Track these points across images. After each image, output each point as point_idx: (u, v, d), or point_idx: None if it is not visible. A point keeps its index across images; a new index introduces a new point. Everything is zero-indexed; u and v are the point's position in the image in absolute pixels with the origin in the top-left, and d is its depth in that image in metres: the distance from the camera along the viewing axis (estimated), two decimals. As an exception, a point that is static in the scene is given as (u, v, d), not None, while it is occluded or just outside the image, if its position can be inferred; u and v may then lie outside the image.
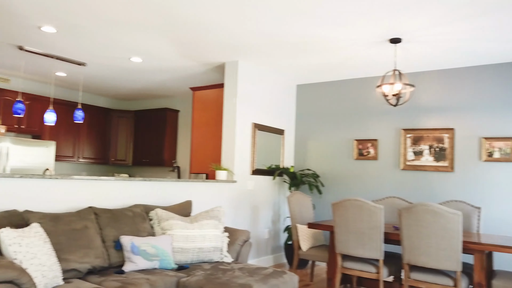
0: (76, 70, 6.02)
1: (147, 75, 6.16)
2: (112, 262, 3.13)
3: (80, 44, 4.80)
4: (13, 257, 2.33)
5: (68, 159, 7.21)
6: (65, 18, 3.99)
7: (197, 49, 4.80)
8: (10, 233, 2.38)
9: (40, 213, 2.93)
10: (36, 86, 7.06)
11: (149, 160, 7.68)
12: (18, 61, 5.68)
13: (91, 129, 7.58)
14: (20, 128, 6.53)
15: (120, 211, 3.43)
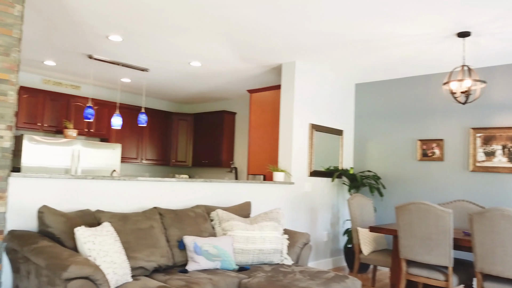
0: (140, 75, 6.31)
1: (206, 79, 6.31)
2: (176, 261, 3.23)
3: (143, 51, 5.02)
4: (87, 254, 2.47)
5: (132, 161, 7.57)
6: (130, 27, 4.19)
7: (254, 52, 4.84)
8: (85, 231, 2.53)
9: (110, 213, 3.09)
10: (103, 92, 7.50)
11: (208, 161, 7.86)
12: (87, 69, 6.06)
13: (153, 132, 7.91)
14: (89, 131, 6.96)
15: (183, 211, 3.53)
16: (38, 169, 5.91)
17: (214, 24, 4.01)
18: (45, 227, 2.69)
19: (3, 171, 2.75)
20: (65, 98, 6.68)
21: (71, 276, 2.14)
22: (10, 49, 2.78)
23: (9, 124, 2.78)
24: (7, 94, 2.76)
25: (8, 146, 2.77)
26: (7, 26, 2.76)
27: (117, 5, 3.66)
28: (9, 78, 2.77)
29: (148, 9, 3.73)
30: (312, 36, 4.25)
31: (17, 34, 2.81)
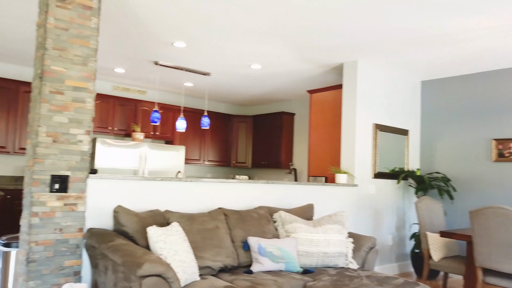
0: (202, 80, 6.49)
1: (265, 81, 6.35)
2: (241, 262, 3.27)
3: (205, 56, 5.16)
4: (159, 253, 2.58)
5: (195, 162, 7.81)
6: (193, 33, 4.32)
7: (314, 52, 4.78)
8: (156, 231, 2.64)
9: (178, 213, 3.20)
10: (167, 96, 7.82)
11: (267, 163, 7.90)
12: (153, 75, 6.35)
13: (215, 134, 8.10)
14: (155, 134, 7.29)
15: (246, 212, 3.57)
16: (109, 170, 6.29)
17: (275, 26, 4.02)
18: (120, 226, 2.85)
19: (82, 173, 2.95)
20: (132, 103, 7.05)
21: (145, 273, 2.24)
22: (88, 59, 2.98)
23: (87, 129, 2.98)
24: (85, 101, 2.97)
25: (87, 149, 2.97)
26: (85, 38, 2.96)
27: (182, 13, 3.79)
28: (87, 86, 2.97)
29: (210, 16, 3.83)
30: (375, 33, 4.12)
31: (94, 45, 3.00)
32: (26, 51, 5.40)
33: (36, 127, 2.78)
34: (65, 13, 2.88)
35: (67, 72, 2.89)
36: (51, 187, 2.81)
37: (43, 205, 2.78)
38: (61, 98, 2.86)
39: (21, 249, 2.84)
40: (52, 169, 2.82)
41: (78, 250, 2.92)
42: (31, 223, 2.73)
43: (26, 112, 6.03)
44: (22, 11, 3.96)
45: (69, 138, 2.89)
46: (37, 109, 2.79)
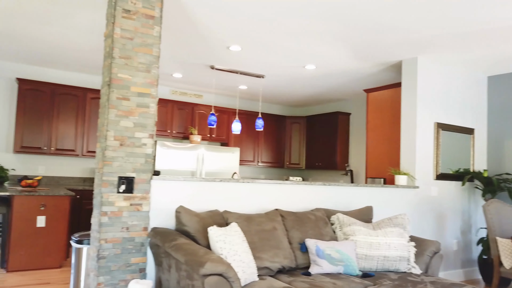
0: (256, 82, 6.56)
1: (319, 81, 6.29)
2: (299, 264, 3.26)
3: (260, 59, 5.21)
4: (219, 252, 2.64)
5: (249, 163, 7.91)
6: (249, 36, 4.38)
7: (372, 50, 4.67)
8: (217, 231, 2.71)
9: (236, 214, 3.26)
10: (222, 99, 7.98)
11: (321, 164, 7.81)
12: (209, 79, 6.52)
13: (268, 135, 8.15)
14: (211, 137, 7.47)
15: (303, 214, 3.56)
16: (169, 172, 6.54)
17: (330, 26, 3.98)
18: (182, 226, 2.96)
19: (146, 175, 3.10)
20: (189, 106, 7.28)
21: (207, 272, 2.31)
22: (151, 66, 3.13)
23: (150, 133, 3.12)
24: (149, 106, 3.11)
25: (150, 152, 3.12)
26: (148, 46, 3.11)
27: (237, 17, 3.86)
28: (150, 92, 3.12)
29: (265, 19, 3.86)
30: (436, 28, 3.94)
31: (156, 52, 3.15)
32: (91, 60, 5.77)
33: (105, 131, 2.96)
34: (130, 23, 3.04)
35: (132, 79, 3.05)
36: (119, 188, 2.98)
37: (112, 205, 2.95)
38: (127, 104, 3.02)
39: (92, 246, 3.03)
40: (119, 171, 2.99)
41: (143, 248, 3.07)
42: (101, 222, 2.91)
43: (93, 117, 6.43)
44: (87, 22, 4.23)
45: (134, 141, 3.05)
46: (105, 114, 2.97)
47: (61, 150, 6.18)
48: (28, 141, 5.94)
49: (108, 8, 3.13)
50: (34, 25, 4.39)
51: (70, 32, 4.56)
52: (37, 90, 6.03)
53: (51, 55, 5.60)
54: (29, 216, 4.66)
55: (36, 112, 6.01)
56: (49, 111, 6.10)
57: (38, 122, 6.02)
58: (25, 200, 4.65)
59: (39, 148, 6.01)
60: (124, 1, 3.02)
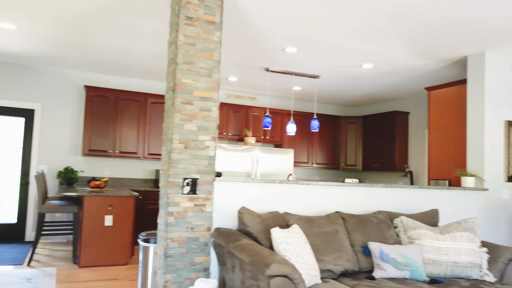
0: (310, 83, 6.52)
1: (377, 80, 6.13)
2: (361, 267, 3.20)
3: (315, 59, 5.17)
4: (283, 254, 2.66)
5: (303, 165, 7.86)
6: (305, 36, 4.37)
7: (433, 46, 4.47)
8: (280, 232, 2.73)
9: (296, 215, 3.26)
10: (276, 101, 8.01)
11: (379, 165, 7.60)
12: (264, 81, 6.57)
13: (323, 136, 8.06)
14: (265, 138, 7.52)
15: (365, 216, 3.48)
16: (225, 173, 6.67)
17: (390, 23, 3.87)
18: (244, 227, 3.00)
19: (209, 176, 3.18)
20: (244, 109, 7.38)
21: (273, 273, 2.33)
22: (212, 70, 3.21)
23: (213, 136, 3.20)
24: (211, 110, 3.20)
25: (213, 154, 3.20)
26: (209, 51, 3.20)
27: (294, 18, 3.86)
28: (212, 96, 3.20)
29: (322, 19, 3.83)
30: (507, 20, 3.70)
31: (217, 57, 3.23)
32: (152, 66, 6.02)
33: (170, 135, 3.08)
34: (192, 30, 3.14)
35: (195, 84, 3.15)
36: (183, 189, 3.08)
37: (177, 206, 3.06)
38: (190, 108, 3.12)
39: (159, 245, 3.16)
40: (184, 173, 3.09)
41: (206, 248, 3.15)
42: (168, 222, 3.03)
43: (154, 121, 6.71)
44: (148, 31, 4.42)
45: (198, 144, 3.14)
46: (170, 118, 3.09)
47: (125, 153, 6.51)
48: (95, 145, 6.32)
49: (172, 16, 3.26)
50: (100, 36, 4.66)
51: (132, 41, 4.79)
52: (103, 96, 6.40)
53: (115, 63, 5.92)
54: (98, 215, 4.95)
55: (102, 117, 6.37)
56: (113, 116, 6.45)
57: (103, 126, 6.38)
58: (94, 200, 4.95)
59: (105, 151, 6.37)
60: (187, 8, 3.13)
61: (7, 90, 6.16)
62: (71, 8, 3.88)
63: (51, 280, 4.26)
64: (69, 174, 6.11)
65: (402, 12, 3.61)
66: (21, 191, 6.26)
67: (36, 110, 6.31)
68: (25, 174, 6.26)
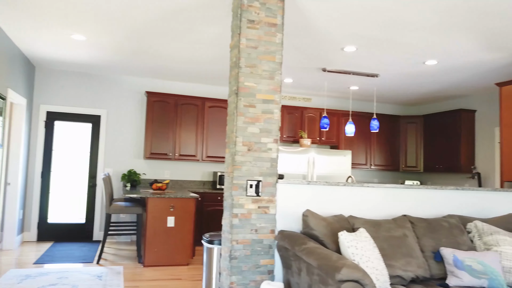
0: (368, 82, 6.34)
1: (440, 77, 5.83)
2: (433, 274, 3.04)
3: (374, 57, 5.02)
4: (351, 258, 2.58)
5: (361, 167, 7.66)
6: (365, 34, 4.25)
7: (506, 38, 4.17)
8: (347, 236, 2.66)
9: (362, 219, 3.17)
10: (331, 102, 7.88)
11: (442, 166, 7.22)
12: (320, 81, 6.48)
13: (381, 137, 7.81)
14: (321, 140, 7.42)
15: (435, 221, 3.31)
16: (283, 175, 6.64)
17: (458, 16, 3.66)
18: (309, 229, 2.96)
19: (272, 178, 3.18)
20: (299, 110, 7.33)
21: (343, 278, 2.27)
22: (274, 73, 3.21)
23: (275, 138, 3.20)
24: (273, 112, 3.19)
25: (275, 156, 3.19)
26: (271, 53, 3.20)
27: (354, 16, 3.77)
28: (274, 98, 3.19)
29: (382, 16, 3.70)
30: None
31: (279, 59, 3.22)
32: (209, 71, 6.14)
33: (234, 137, 3.11)
34: (254, 33, 3.16)
35: (257, 87, 3.16)
36: (247, 191, 3.10)
37: (242, 207, 3.08)
38: (253, 110, 3.14)
39: (224, 246, 3.20)
40: (248, 175, 3.11)
41: (270, 250, 3.14)
42: (232, 224, 3.06)
43: (211, 124, 6.84)
44: (207, 36, 4.51)
45: (261, 146, 3.15)
46: (234, 121, 3.13)
47: (184, 156, 6.69)
48: (156, 148, 6.55)
49: (234, 20, 3.30)
50: (162, 43, 4.83)
51: (192, 47, 4.92)
52: (163, 101, 6.63)
53: (174, 69, 6.11)
54: (160, 217, 5.12)
55: (162, 122, 6.60)
56: (173, 120, 6.66)
57: (164, 130, 6.60)
58: (157, 202, 5.12)
59: (165, 154, 6.59)
60: (249, 12, 3.15)
61: (77, 98, 6.56)
62: (136, 18, 4.05)
63: (119, 278, 4.46)
64: (132, 177, 6.38)
65: (471, 3, 3.40)
66: (88, 193, 6.63)
67: (102, 116, 6.66)
68: (92, 177, 6.62)
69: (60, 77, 6.51)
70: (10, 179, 5.63)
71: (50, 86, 6.46)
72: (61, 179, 6.52)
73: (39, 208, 6.37)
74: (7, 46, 4.88)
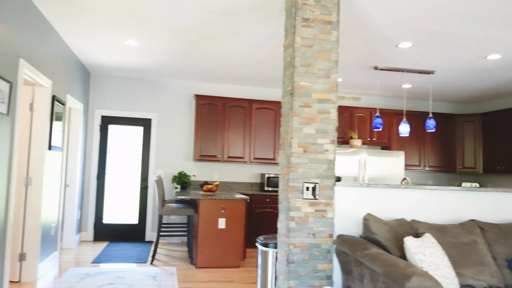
0: (422, 79, 6.06)
1: (504, 72, 5.46)
2: (507, 284, 2.81)
3: (430, 53, 4.78)
4: (419, 265, 2.43)
5: (414, 168, 7.34)
6: (422, 29, 4.05)
7: None
8: (414, 242, 2.51)
9: (426, 224, 2.99)
10: (381, 101, 7.62)
11: (504, 168, 6.76)
12: (371, 80, 6.27)
13: (436, 137, 7.45)
14: (371, 140, 7.18)
15: (508, 226, 3.07)
16: (332, 177, 6.49)
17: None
18: (371, 234, 2.83)
19: (329, 181, 3.07)
20: (348, 110, 7.14)
21: (413, 286, 2.13)
22: (330, 71, 3.11)
23: (332, 139, 3.09)
24: (329, 112, 3.09)
25: (332, 158, 3.09)
26: (327, 51, 3.10)
27: (412, 11, 3.59)
28: (330, 97, 3.10)
29: (446, 2, 3.50)
30: None
31: (335, 57, 3.12)
32: (255, 73, 6.12)
33: (289, 139, 3.05)
34: (309, 31, 3.08)
35: (313, 86, 3.07)
36: (304, 194, 3.02)
37: (298, 211, 3.01)
38: (308, 111, 3.05)
39: (281, 250, 3.14)
40: (304, 177, 3.03)
41: (329, 255, 3.04)
42: (289, 227, 2.99)
43: (258, 126, 6.82)
44: (253, 38, 4.47)
45: (317, 148, 3.06)
46: (289, 122, 3.06)
47: (232, 158, 6.71)
48: (205, 150, 6.61)
49: (287, 19, 3.24)
50: (211, 46, 4.85)
51: (240, 49, 4.91)
52: (211, 104, 6.68)
53: (222, 72, 6.14)
54: (211, 218, 5.14)
55: (210, 124, 6.66)
56: (221, 123, 6.70)
57: (212, 132, 6.65)
58: (208, 204, 5.15)
59: (214, 156, 6.64)
60: (303, 10, 3.08)
61: (129, 102, 6.76)
62: (186, 22, 4.09)
63: (173, 279, 4.52)
64: (183, 178, 6.47)
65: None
66: (141, 195, 6.81)
67: (153, 119, 6.82)
68: (144, 179, 6.79)
69: (113, 82, 6.73)
70: (68, 181, 5.88)
71: (104, 91, 6.70)
72: (115, 181, 6.74)
73: (95, 209, 6.62)
74: (67, 54, 5.10)
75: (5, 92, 3.23)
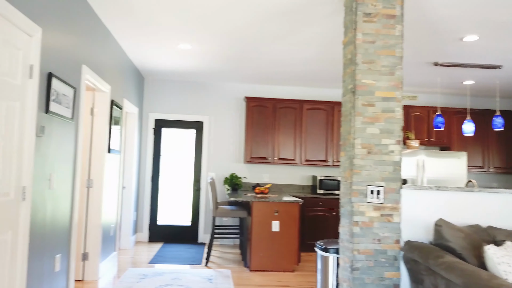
0: (487, 75, 5.66)
1: None
2: None
3: (498, 46, 4.43)
4: (503, 277, 2.22)
5: (477, 169, 6.88)
6: (490, 20, 3.75)
7: None
8: (497, 251, 2.30)
9: (505, 230, 2.75)
10: (440, 98, 7.22)
11: None
12: (429, 77, 5.95)
13: (501, 136, 6.94)
14: (429, 140, 6.82)
15: None
16: (388, 179, 6.22)
17: None
18: (444, 241, 2.63)
19: (395, 184, 2.90)
20: (404, 109, 6.82)
21: (501, 301, 1.94)
22: (394, 68, 2.94)
23: (397, 139, 2.92)
24: (394, 111, 2.92)
25: (398, 159, 2.91)
26: (391, 47, 2.94)
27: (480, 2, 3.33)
28: (395, 95, 2.93)
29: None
30: None
31: (399, 52, 2.95)
32: (306, 73, 5.99)
33: (351, 139, 2.91)
34: (371, 27, 2.93)
35: (376, 84, 2.92)
36: (368, 198, 2.87)
37: (362, 215, 2.86)
38: (372, 110, 2.91)
39: (343, 256, 3.00)
40: (368, 180, 2.88)
41: (396, 262, 2.87)
42: (353, 232, 2.85)
43: (309, 127, 6.68)
44: (307, 37, 4.35)
45: (381, 148, 2.90)
46: (351, 122, 2.92)
47: (282, 160, 6.62)
48: (256, 152, 6.57)
49: (347, 15, 3.10)
50: (261, 47, 4.80)
51: (291, 49, 4.81)
52: (261, 106, 6.64)
53: (272, 73, 6.07)
54: (265, 221, 5.07)
55: (261, 126, 6.61)
56: (271, 124, 6.63)
57: (263, 134, 6.60)
58: (261, 206, 5.09)
59: (265, 158, 6.58)
60: (365, 5, 2.94)
61: (181, 105, 6.87)
62: (237, 24, 4.05)
63: (228, 282, 4.49)
64: (234, 180, 6.47)
65: None
66: (194, 196, 6.88)
67: (205, 122, 6.88)
68: (197, 181, 6.86)
69: (166, 86, 6.87)
70: (125, 183, 6.05)
71: (157, 95, 6.85)
72: (168, 183, 6.87)
73: (149, 210, 6.77)
74: (123, 60, 5.25)
75: (69, 97, 3.34)
